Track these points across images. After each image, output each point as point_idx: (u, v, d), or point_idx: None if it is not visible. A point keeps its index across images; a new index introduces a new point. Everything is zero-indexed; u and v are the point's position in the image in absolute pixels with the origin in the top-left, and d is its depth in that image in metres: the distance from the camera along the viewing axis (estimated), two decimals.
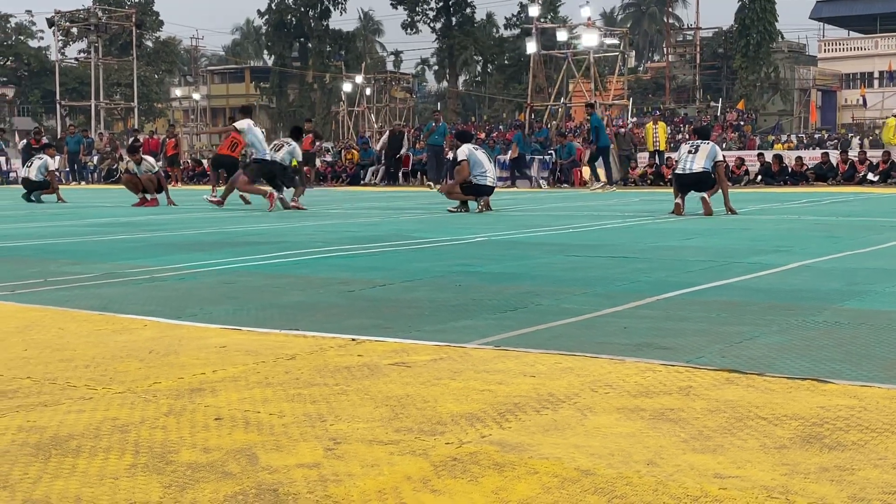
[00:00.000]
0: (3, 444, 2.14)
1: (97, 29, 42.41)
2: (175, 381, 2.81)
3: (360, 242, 7.86)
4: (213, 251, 7.17)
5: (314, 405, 2.50)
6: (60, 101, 44.03)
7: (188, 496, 1.80)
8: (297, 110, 64.46)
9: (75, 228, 10.20)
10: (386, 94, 51.97)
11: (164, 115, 72.01)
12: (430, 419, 2.34)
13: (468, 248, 7.37)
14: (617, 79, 34.49)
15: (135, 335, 3.56)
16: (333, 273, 5.74)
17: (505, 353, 3.16)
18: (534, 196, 20.19)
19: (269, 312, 4.19)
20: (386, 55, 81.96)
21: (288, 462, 2.00)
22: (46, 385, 2.75)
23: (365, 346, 3.31)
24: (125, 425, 2.30)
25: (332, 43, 68.45)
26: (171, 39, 75.71)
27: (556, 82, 35.32)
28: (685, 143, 12.06)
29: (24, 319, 3.92)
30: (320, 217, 12.21)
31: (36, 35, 72.27)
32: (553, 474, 1.91)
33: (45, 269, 5.96)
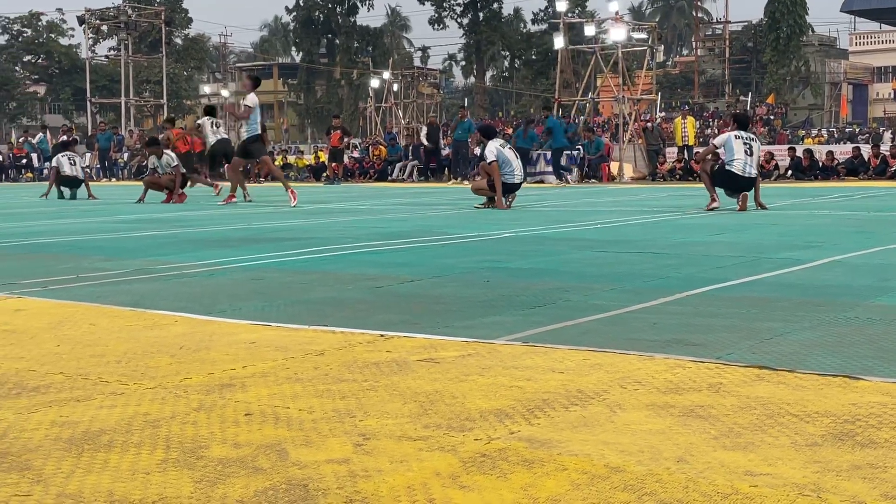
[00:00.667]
0: (37, 439, 2.16)
1: (127, 26, 42.70)
2: (205, 376, 2.82)
3: (388, 238, 7.87)
4: (242, 247, 7.21)
5: (343, 401, 2.51)
6: (91, 98, 44.40)
7: (219, 491, 1.81)
8: (325, 107, 64.66)
9: (106, 225, 10.29)
10: (413, 90, 51.99)
11: (193, 111, 72.42)
12: (458, 415, 2.34)
13: (496, 244, 7.36)
14: (645, 73, 34.32)
15: (165, 331, 3.59)
16: (361, 269, 5.75)
17: (533, 350, 3.15)
18: (561, 191, 20.13)
19: (297, 308, 4.21)
20: (413, 51, 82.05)
21: (317, 457, 2.01)
22: (79, 380, 2.77)
23: (393, 342, 3.32)
24: (156, 420, 2.32)
25: (360, 39, 68.58)
26: (200, 36, 76.13)
27: (584, 77, 35.18)
28: (735, 137, 11.43)
29: (56, 315, 3.96)
30: (348, 213, 12.24)
31: (67, 33, 72.90)
32: (582, 471, 1.90)
33: (77, 265, 6.02)
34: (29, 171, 37.17)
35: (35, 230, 9.46)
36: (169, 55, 50.40)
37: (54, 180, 18.12)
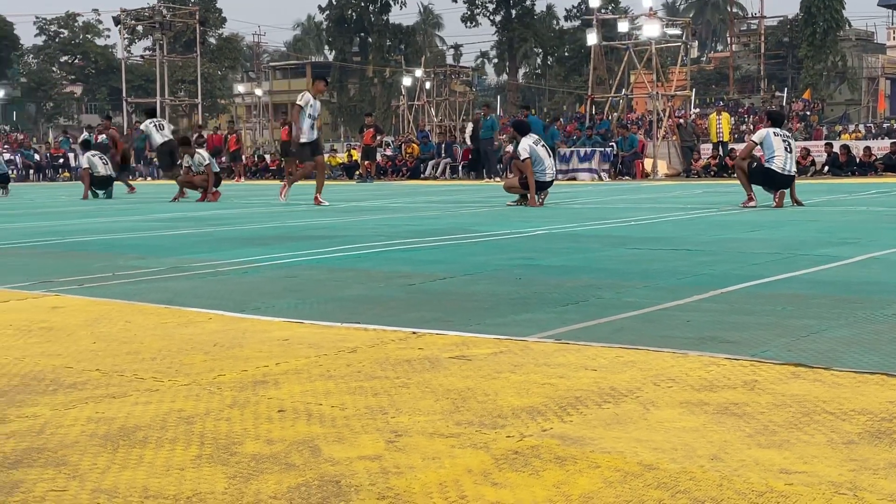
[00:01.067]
0: (73, 435, 2.19)
1: (162, 27, 43.06)
2: (239, 373, 2.84)
3: (421, 236, 7.88)
4: (276, 245, 7.25)
5: (375, 398, 2.51)
6: (127, 98, 44.84)
7: (252, 487, 1.82)
8: (358, 105, 64.86)
9: (142, 223, 10.40)
10: (446, 88, 51.97)
11: (227, 111, 72.94)
12: (490, 412, 2.34)
13: (528, 242, 7.35)
14: (679, 69, 34.09)
15: (200, 328, 3.62)
16: (394, 267, 5.76)
17: (566, 347, 3.14)
18: (595, 188, 20.05)
19: (330, 306, 4.22)
20: (446, 49, 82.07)
21: (350, 454, 2.02)
22: (114, 377, 2.80)
23: (426, 340, 3.32)
24: (191, 417, 2.34)
25: (392, 37, 68.75)
26: (234, 36, 76.64)
27: (617, 74, 35.00)
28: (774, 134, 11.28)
29: (92, 313, 4.00)
30: (381, 211, 12.27)
31: (103, 33, 73.71)
32: (615, 468, 1.89)
33: (112, 263, 6.08)
34: (66, 171, 37.64)
35: (71, 229, 9.57)
36: (203, 55, 50.76)
37: (88, 181, 18.31)
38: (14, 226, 10.21)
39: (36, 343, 3.34)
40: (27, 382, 2.73)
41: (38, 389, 2.65)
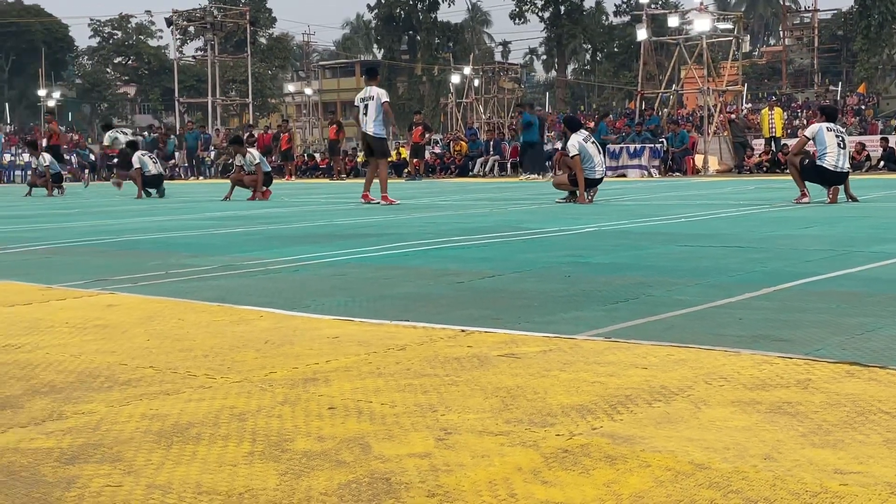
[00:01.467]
0: (128, 432, 2.22)
1: (213, 27, 43.59)
2: (290, 370, 2.87)
3: (470, 234, 7.88)
4: (325, 243, 7.30)
5: (425, 395, 2.52)
6: (179, 98, 45.43)
7: (303, 484, 1.83)
8: (406, 103, 65.02)
9: (194, 222, 10.53)
10: (494, 85, 51.91)
11: (277, 110, 73.56)
12: (540, 411, 2.33)
13: (577, 239, 7.32)
14: (731, 64, 33.67)
15: (251, 326, 3.65)
16: (443, 264, 5.77)
17: (616, 345, 3.12)
18: (645, 185, 19.90)
19: (379, 304, 4.24)
20: (494, 46, 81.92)
21: (400, 451, 2.02)
22: (168, 374, 2.84)
23: (475, 338, 3.32)
24: (243, 413, 2.36)
25: (441, 35, 68.82)
26: (284, 36, 77.31)
27: (668, 69, 34.70)
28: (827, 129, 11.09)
29: (146, 310, 4.06)
30: (429, 209, 12.29)
31: (155, 35, 74.78)
32: (666, 468, 1.88)
33: (165, 261, 6.16)
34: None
35: (125, 227, 9.72)
36: (254, 55, 51.25)
37: (139, 181, 18.56)
38: (70, 225, 10.40)
39: (91, 340, 3.40)
40: (83, 379, 2.78)
41: (94, 386, 2.69)
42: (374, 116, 13.33)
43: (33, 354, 3.16)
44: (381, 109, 13.37)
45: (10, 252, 7.16)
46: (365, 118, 13.40)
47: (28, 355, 3.15)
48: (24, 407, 2.47)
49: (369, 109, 13.37)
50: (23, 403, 2.51)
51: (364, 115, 13.40)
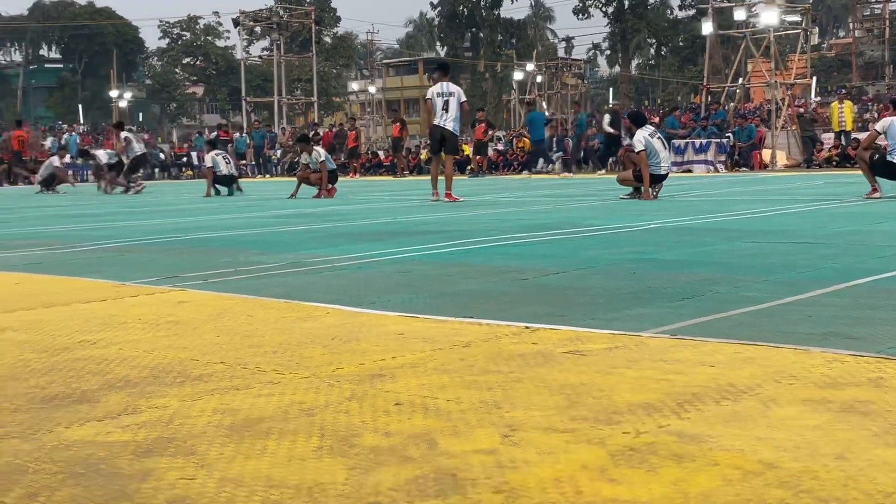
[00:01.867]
0: (200, 426, 2.27)
1: (279, 27, 44.08)
2: (356, 366, 2.90)
3: (533, 230, 7.87)
4: (389, 241, 7.34)
5: (490, 392, 2.53)
6: (246, 97, 46.04)
7: (371, 479, 1.86)
8: (469, 100, 64.94)
9: (261, 220, 10.67)
10: (557, 81, 51.66)
11: (341, 108, 74.14)
12: (606, 408, 2.33)
13: (642, 236, 7.26)
14: (799, 57, 33.06)
15: (318, 322, 3.70)
16: (506, 261, 5.78)
17: (682, 342, 3.10)
18: (711, 180, 19.64)
19: (443, 300, 4.26)
20: (557, 42, 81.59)
21: (465, 448, 2.04)
22: (238, 369, 2.89)
23: (539, 334, 3.32)
24: (311, 409, 2.40)
25: (504, 32, 68.74)
26: (348, 35, 77.90)
27: (734, 63, 34.20)
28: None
29: (216, 307, 4.14)
30: (492, 206, 12.29)
31: (222, 35, 75.95)
32: (735, 466, 1.86)
33: (234, 258, 6.27)
34: (189, 169, 38.91)
35: (195, 226, 9.89)
36: (319, 54, 51.71)
37: (210, 178, 18.85)
38: (142, 223, 10.62)
39: (164, 336, 3.48)
40: (156, 374, 2.85)
41: (167, 381, 2.76)
42: (454, 115, 13.39)
43: (108, 350, 3.24)
44: (462, 109, 13.46)
45: (84, 250, 7.34)
46: (445, 114, 13.43)
47: (103, 351, 3.23)
48: (100, 401, 2.54)
49: (450, 106, 13.41)
50: (99, 398, 2.58)
51: (444, 111, 13.43)
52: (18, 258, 6.76)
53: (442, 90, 13.50)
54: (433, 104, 13.53)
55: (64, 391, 2.66)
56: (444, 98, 13.44)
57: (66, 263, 6.33)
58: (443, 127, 13.42)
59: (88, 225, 10.57)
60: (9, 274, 5.68)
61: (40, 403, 2.53)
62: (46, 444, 2.15)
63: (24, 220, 11.88)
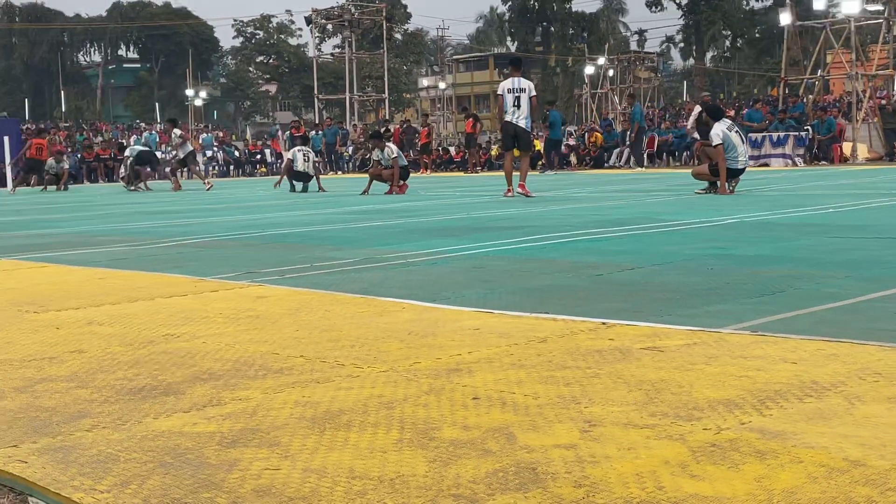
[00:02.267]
0: (283, 417, 2.31)
1: (350, 24, 44.44)
2: (433, 361, 2.92)
3: (607, 226, 7.82)
4: (463, 236, 7.36)
5: (567, 387, 2.53)
6: (318, 95, 46.52)
7: (451, 471, 1.88)
8: (540, 95, 64.74)
9: (335, 216, 10.78)
10: (630, 75, 51.13)
11: (411, 104, 74.46)
12: (685, 404, 2.31)
13: (719, 231, 7.16)
14: (881, 47, 32.18)
15: (394, 317, 3.73)
16: (581, 257, 5.75)
17: (763, 339, 3.06)
18: (789, 175, 19.27)
19: (518, 296, 4.26)
20: (629, 35, 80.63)
21: (545, 442, 2.04)
22: (317, 363, 2.94)
23: (616, 330, 3.31)
24: (390, 402, 2.43)
25: (575, 25, 68.32)
26: (419, 31, 78.16)
27: (813, 54, 33.46)
28: None
29: (294, 302, 4.20)
30: (565, 201, 12.24)
31: (295, 33, 76.88)
32: (819, 464, 1.84)
33: (310, 254, 6.35)
34: (263, 166, 39.47)
35: (271, 222, 10.04)
36: (389, 50, 51.97)
37: (287, 173, 19.10)
38: (219, 219, 10.81)
39: (244, 330, 3.54)
40: (238, 367, 2.91)
41: (249, 374, 2.81)
42: (526, 111, 13.37)
43: (191, 343, 3.32)
44: (531, 103, 13.40)
45: (165, 246, 7.51)
46: (516, 110, 13.41)
47: (187, 344, 3.31)
48: (185, 393, 2.60)
49: (521, 102, 13.37)
50: (184, 390, 2.64)
51: (515, 107, 13.40)
52: (103, 254, 6.94)
53: (513, 86, 13.47)
54: (504, 100, 13.52)
55: (150, 383, 2.74)
56: (514, 94, 13.41)
57: (149, 259, 6.48)
58: (515, 124, 13.40)
59: (168, 221, 10.80)
60: (94, 269, 5.85)
61: (128, 395, 2.61)
62: (136, 434, 2.22)
63: (107, 218, 12.20)
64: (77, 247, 7.64)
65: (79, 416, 2.40)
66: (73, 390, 2.68)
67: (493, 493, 1.75)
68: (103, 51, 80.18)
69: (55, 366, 3.02)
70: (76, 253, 7.09)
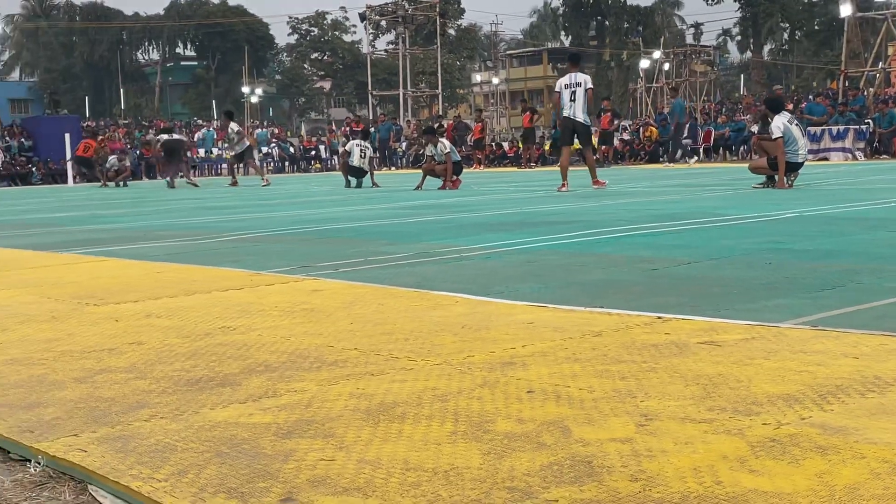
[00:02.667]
0: (338, 409, 2.32)
1: (404, 20, 44.57)
2: (487, 354, 2.91)
3: (662, 220, 7.74)
4: (516, 231, 7.34)
5: (623, 381, 2.51)
6: (372, 91, 46.73)
7: (506, 464, 1.87)
8: (594, 89, 64.31)
9: (389, 211, 10.82)
10: (685, 69, 50.60)
11: (465, 100, 74.43)
12: (744, 399, 2.28)
13: (777, 225, 7.05)
14: None
15: (447, 311, 3.73)
16: (636, 251, 5.70)
17: (823, 334, 3.00)
18: (849, 168, 18.92)
19: (572, 290, 4.24)
20: (685, 28, 79.74)
21: (600, 436, 2.03)
22: (371, 356, 2.95)
23: (672, 325, 3.27)
24: (444, 395, 2.43)
25: (630, 19, 67.73)
26: (472, 26, 78.08)
27: (874, 46, 32.78)
28: None
29: (348, 296, 4.22)
30: (619, 196, 12.14)
31: (349, 30, 77.29)
32: (883, 460, 1.80)
33: (364, 248, 6.38)
34: (318, 162, 39.77)
35: (326, 217, 10.11)
36: (443, 46, 52.05)
37: (344, 168, 19.24)
38: (275, 214, 10.92)
39: (299, 323, 3.57)
40: (294, 360, 2.93)
41: (304, 366, 2.83)
42: (582, 105, 13.42)
43: (247, 336, 3.35)
44: (587, 95, 13.43)
45: (221, 240, 7.60)
46: (573, 104, 13.46)
47: (243, 337, 3.34)
48: (241, 384, 2.63)
49: (577, 96, 13.40)
50: (240, 381, 2.67)
51: (572, 102, 13.45)
52: (160, 248, 7.05)
53: (570, 81, 13.48)
54: (560, 97, 13.55)
55: (207, 374, 2.77)
56: (571, 89, 13.40)
57: (205, 253, 6.56)
58: (574, 119, 13.43)
59: (224, 216, 10.93)
60: (152, 263, 5.93)
61: (186, 386, 2.64)
62: (193, 424, 2.24)
63: (164, 213, 12.38)
64: (135, 241, 7.77)
65: (137, 406, 2.44)
66: (132, 381, 2.72)
67: (547, 486, 1.74)
68: (161, 49, 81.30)
69: (114, 357, 3.07)
70: (135, 247, 7.21)
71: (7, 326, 3.74)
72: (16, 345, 3.34)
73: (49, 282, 5.16)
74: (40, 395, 2.60)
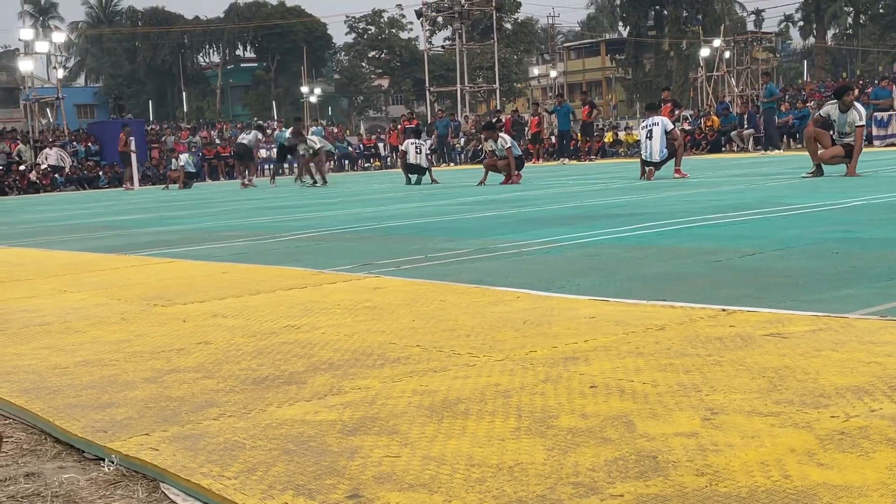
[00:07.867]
0: (401, 406, 2.34)
1: (460, 16, 44.55)
2: (549, 349, 2.91)
3: (725, 211, 7.64)
4: (576, 225, 7.31)
5: (687, 375, 2.49)
6: (429, 87, 46.81)
7: (570, 459, 1.87)
8: (654, 80, 63.59)
9: (448, 207, 10.84)
10: (747, 56, 49.81)
11: (522, 94, 74.16)
12: (811, 391, 2.25)
13: (844, 213, 6.91)
14: None
15: (509, 306, 3.73)
16: (698, 243, 5.64)
17: (892, 324, 2.94)
18: None
19: (634, 283, 4.21)
20: (746, 15, 78.45)
21: (665, 430, 2.01)
22: (434, 352, 2.96)
23: (736, 317, 3.23)
24: (507, 391, 2.43)
25: (689, 7, 66.72)
26: (529, 20, 77.73)
27: None
28: None
29: (409, 292, 4.25)
30: (681, 187, 12.01)
31: (406, 27, 77.46)
32: None
33: (424, 245, 6.40)
34: (377, 160, 39.97)
35: (385, 214, 10.17)
36: (500, 40, 51.91)
37: (402, 167, 19.36)
38: (336, 213, 11.01)
39: (362, 321, 3.60)
40: (357, 357, 2.96)
41: (367, 364, 2.86)
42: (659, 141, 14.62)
43: (311, 334, 3.39)
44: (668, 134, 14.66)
45: (283, 240, 7.69)
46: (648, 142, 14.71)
47: (307, 335, 3.38)
48: (306, 382, 2.66)
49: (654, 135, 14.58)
50: (305, 379, 2.70)
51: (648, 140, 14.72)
52: (224, 249, 7.15)
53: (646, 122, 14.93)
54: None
55: (273, 373, 2.81)
56: (647, 128, 14.73)
57: (268, 253, 6.65)
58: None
59: (285, 216, 11.05)
60: (217, 264, 6.03)
61: (252, 384, 2.68)
62: (260, 422, 2.28)
63: (228, 214, 12.55)
64: (200, 242, 7.90)
65: (206, 405, 2.48)
66: (200, 380, 2.77)
67: (612, 482, 1.73)
68: (221, 51, 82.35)
69: (182, 357, 3.13)
70: (200, 248, 7.33)
71: (79, 328, 3.83)
72: (88, 346, 3.43)
73: (118, 284, 5.27)
74: (112, 395, 2.66)
